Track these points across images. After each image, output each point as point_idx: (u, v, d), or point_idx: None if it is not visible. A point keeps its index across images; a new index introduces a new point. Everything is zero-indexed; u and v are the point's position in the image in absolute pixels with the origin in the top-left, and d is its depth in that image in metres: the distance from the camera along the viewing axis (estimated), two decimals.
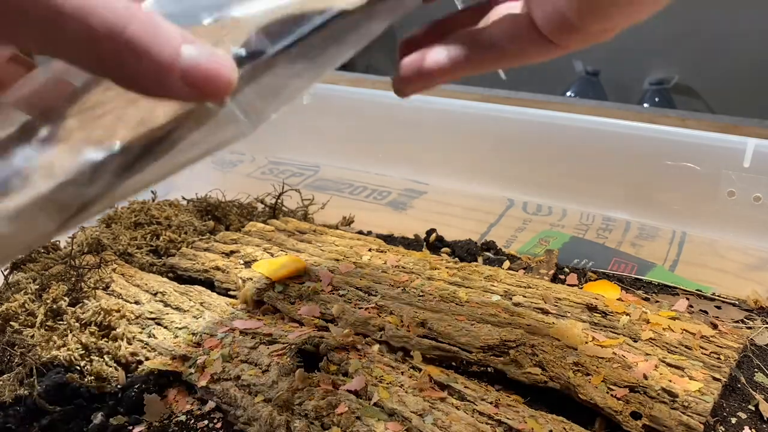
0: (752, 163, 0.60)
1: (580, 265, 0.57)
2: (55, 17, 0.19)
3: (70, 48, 0.20)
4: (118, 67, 0.20)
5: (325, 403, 0.36)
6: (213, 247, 0.56)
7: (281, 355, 0.41)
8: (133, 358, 0.43)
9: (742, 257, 0.59)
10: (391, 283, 0.48)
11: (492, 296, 0.45)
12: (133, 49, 0.19)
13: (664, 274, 0.56)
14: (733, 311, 0.48)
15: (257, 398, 0.38)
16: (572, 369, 0.37)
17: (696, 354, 0.38)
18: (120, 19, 0.19)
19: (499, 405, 0.36)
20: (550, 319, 0.42)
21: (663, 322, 0.41)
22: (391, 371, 0.39)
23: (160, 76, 0.20)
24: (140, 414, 0.40)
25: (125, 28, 0.19)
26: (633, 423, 0.33)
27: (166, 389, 0.42)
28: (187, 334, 0.45)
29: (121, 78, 0.20)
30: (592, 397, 0.35)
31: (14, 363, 0.43)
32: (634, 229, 0.65)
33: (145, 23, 0.19)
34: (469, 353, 0.39)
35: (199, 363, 0.41)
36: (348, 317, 0.44)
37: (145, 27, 0.19)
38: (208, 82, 0.20)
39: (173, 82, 0.20)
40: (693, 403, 0.34)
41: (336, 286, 0.48)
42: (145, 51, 0.19)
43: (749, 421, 0.37)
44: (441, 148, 0.76)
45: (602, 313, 0.43)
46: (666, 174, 0.64)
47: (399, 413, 0.35)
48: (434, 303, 0.44)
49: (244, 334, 0.44)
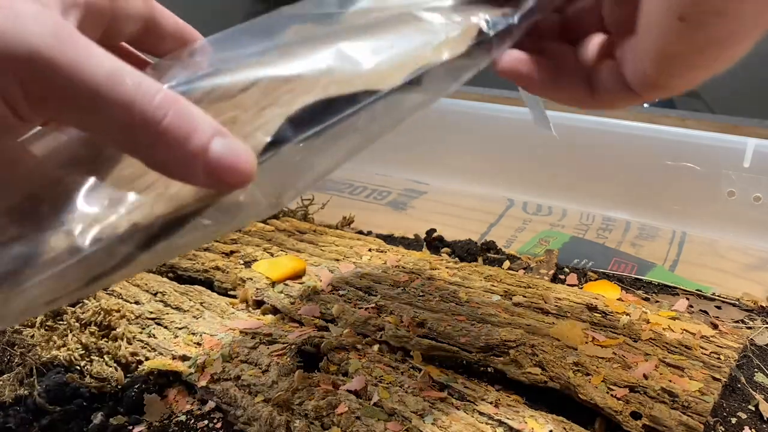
0: (752, 163, 0.60)
1: (580, 265, 0.57)
2: (97, 104, 0.20)
3: (107, 131, 0.21)
4: (149, 152, 0.21)
5: (325, 403, 0.36)
6: (213, 247, 0.56)
7: (281, 355, 0.41)
8: (133, 358, 0.43)
9: (742, 257, 0.59)
10: (391, 283, 0.48)
11: (492, 296, 0.45)
12: (165, 141, 0.20)
13: (664, 274, 0.56)
14: (733, 311, 0.48)
15: (257, 398, 0.38)
16: (572, 369, 0.37)
17: (696, 354, 0.38)
18: (158, 111, 0.20)
19: (499, 405, 0.36)
20: (550, 319, 0.42)
21: (663, 322, 0.41)
22: (391, 371, 0.39)
23: (186, 166, 0.21)
24: (140, 414, 0.40)
25: (162, 119, 0.20)
26: (633, 423, 0.33)
27: (166, 389, 0.42)
28: (187, 334, 0.45)
29: (149, 161, 0.21)
30: (592, 397, 0.35)
31: (14, 363, 0.43)
32: (634, 229, 0.65)
33: (181, 115, 0.20)
34: (469, 353, 0.39)
35: (199, 363, 0.41)
36: (348, 317, 0.44)
37: (181, 119, 0.20)
38: (228, 174, 0.21)
39: (197, 172, 0.21)
40: (693, 403, 0.34)
41: (336, 286, 0.48)
42: (176, 142, 0.20)
43: (749, 421, 0.36)
44: (441, 148, 0.76)
45: (602, 313, 0.43)
46: (666, 174, 0.64)
47: (399, 413, 0.35)
48: (434, 303, 0.44)
49: (244, 334, 0.44)
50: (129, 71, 0.20)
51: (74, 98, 0.20)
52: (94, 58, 0.20)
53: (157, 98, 0.20)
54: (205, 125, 0.21)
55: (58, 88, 0.19)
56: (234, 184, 0.21)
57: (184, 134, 0.20)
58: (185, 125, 0.20)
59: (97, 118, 0.20)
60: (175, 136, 0.20)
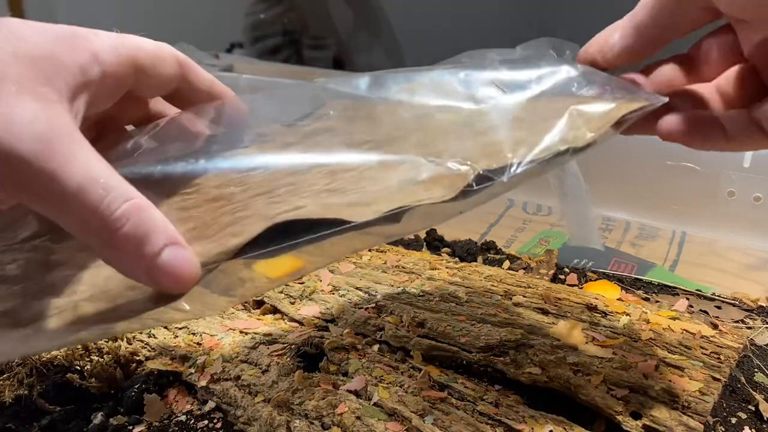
0: (752, 163, 0.60)
1: (580, 265, 0.57)
2: (62, 207, 0.23)
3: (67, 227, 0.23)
4: (100, 251, 0.24)
5: (325, 403, 0.36)
6: None
7: (281, 355, 0.41)
8: (133, 358, 0.43)
9: (742, 257, 0.59)
10: (391, 283, 0.48)
11: (492, 296, 0.45)
12: (116, 246, 0.23)
13: (664, 274, 0.56)
14: (733, 311, 0.48)
15: (257, 398, 0.38)
16: (572, 369, 0.37)
17: (696, 354, 0.38)
18: (117, 221, 0.23)
19: (499, 405, 0.36)
20: (550, 319, 0.42)
21: (663, 322, 0.41)
22: (391, 371, 0.39)
23: (131, 269, 0.24)
24: (140, 414, 0.40)
25: (119, 229, 0.23)
26: (633, 423, 0.33)
27: (166, 389, 0.42)
28: (187, 334, 0.45)
29: (100, 256, 0.24)
30: (592, 397, 0.35)
31: (14, 363, 0.43)
32: (634, 229, 0.65)
33: (139, 225, 0.23)
34: (469, 353, 0.39)
35: (199, 363, 0.41)
36: (348, 317, 0.44)
37: (137, 229, 0.23)
38: (167, 281, 0.23)
39: (139, 275, 0.24)
40: (693, 403, 0.34)
41: (336, 286, 0.48)
42: (125, 248, 0.23)
43: (749, 421, 0.36)
44: None
45: (602, 313, 0.43)
46: (666, 174, 0.64)
47: (399, 413, 0.35)
48: (434, 303, 0.44)
49: (244, 334, 0.44)
50: (102, 182, 0.23)
51: (44, 199, 0.23)
52: (71, 167, 0.22)
53: (122, 208, 0.23)
54: (158, 236, 0.23)
55: (32, 189, 0.22)
56: (172, 290, 0.24)
57: (135, 243, 0.23)
58: (140, 235, 0.23)
59: (60, 217, 0.23)
60: (127, 243, 0.23)
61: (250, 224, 0.25)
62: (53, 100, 0.23)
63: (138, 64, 0.27)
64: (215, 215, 0.26)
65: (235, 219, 0.26)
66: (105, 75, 0.25)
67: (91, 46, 0.25)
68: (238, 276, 0.26)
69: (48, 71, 0.23)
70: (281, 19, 1.68)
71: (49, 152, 0.22)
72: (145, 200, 0.23)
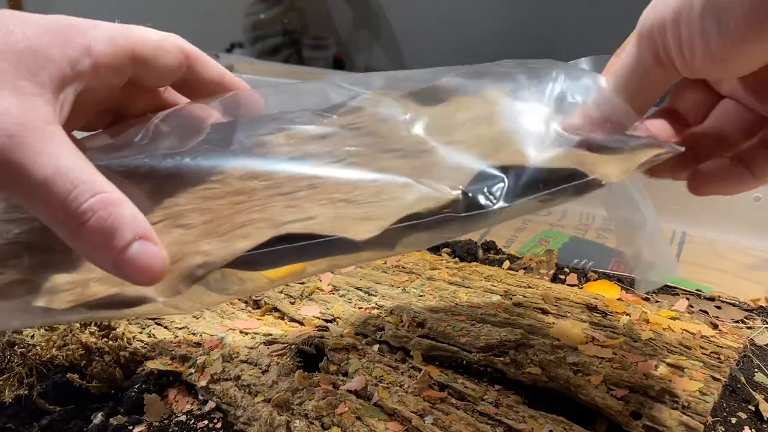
0: None
1: (580, 265, 0.57)
2: (31, 199, 0.24)
3: (38, 216, 0.24)
4: (68, 241, 0.24)
5: (325, 403, 0.36)
6: None
7: (281, 355, 0.41)
8: (133, 358, 0.43)
9: (742, 257, 0.59)
10: (391, 283, 0.48)
11: (492, 296, 0.45)
12: (82, 238, 0.24)
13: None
14: (733, 311, 0.48)
15: (257, 398, 0.38)
16: (572, 369, 0.37)
17: (696, 354, 0.38)
18: (84, 215, 0.23)
19: (499, 405, 0.36)
20: (550, 319, 0.42)
21: (663, 322, 0.41)
22: (391, 371, 0.39)
23: (99, 259, 0.24)
24: (140, 414, 0.40)
25: (86, 222, 0.23)
26: (633, 423, 0.33)
27: (166, 389, 0.42)
28: (187, 334, 0.45)
29: (69, 245, 0.24)
30: (592, 397, 0.35)
31: (14, 363, 0.43)
32: None
33: (106, 219, 0.23)
34: (469, 353, 0.39)
35: (199, 363, 0.41)
36: (348, 317, 0.44)
37: (104, 223, 0.23)
38: (135, 274, 0.24)
39: (107, 266, 0.24)
40: (693, 403, 0.34)
41: (336, 286, 0.48)
42: (92, 240, 0.24)
43: (749, 421, 0.36)
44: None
45: (602, 313, 0.43)
46: None
47: (399, 413, 0.35)
48: (434, 303, 0.44)
49: (244, 334, 0.44)
50: (70, 175, 0.23)
51: (15, 190, 0.24)
52: (39, 159, 0.23)
53: (89, 202, 0.23)
54: (126, 230, 0.24)
55: (3, 181, 0.23)
56: (140, 283, 0.24)
57: (103, 236, 0.23)
58: (107, 228, 0.23)
59: (31, 208, 0.24)
60: (93, 236, 0.23)
61: (260, 229, 0.26)
62: (32, 94, 0.24)
63: (137, 55, 0.27)
64: (232, 211, 0.26)
65: (249, 220, 0.26)
66: (97, 66, 0.26)
67: (85, 37, 0.26)
68: (238, 276, 0.26)
69: (31, 65, 0.24)
70: (281, 19, 1.68)
71: (17, 146, 0.23)
72: (117, 194, 0.24)
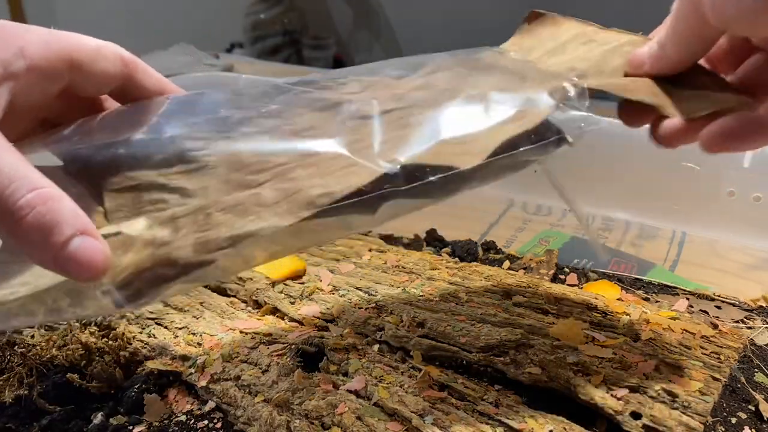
0: (752, 163, 0.60)
1: (580, 265, 0.57)
2: None
3: None
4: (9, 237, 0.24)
5: (325, 403, 0.36)
6: None
7: (281, 355, 0.41)
8: (133, 358, 0.43)
9: (742, 257, 0.59)
10: (391, 283, 0.48)
11: (492, 296, 0.45)
12: (22, 234, 0.23)
13: (664, 274, 0.56)
14: (733, 311, 0.48)
15: (257, 398, 0.38)
16: (572, 369, 0.37)
17: (696, 354, 0.38)
18: (21, 210, 0.23)
19: (499, 405, 0.36)
20: (550, 319, 0.42)
21: (663, 322, 0.41)
22: (391, 371, 0.39)
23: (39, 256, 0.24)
24: (140, 414, 0.40)
25: (24, 217, 0.23)
26: (633, 423, 0.33)
27: (166, 389, 0.42)
28: (187, 334, 0.45)
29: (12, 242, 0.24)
30: (592, 397, 0.35)
31: (14, 363, 0.43)
32: (634, 229, 0.65)
33: (45, 215, 0.23)
34: (469, 353, 0.39)
35: (199, 363, 0.41)
36: (348, 317, 0.44)
37: (43, 218, 0.23)
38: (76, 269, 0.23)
39: (47, 263, 0.24)
40: (693, 403, 0.34)
41: (336, 286, 0.48)
42: (30, 236, 0.23)
43: (749, 421, 0.37)
44: None
45: (602, 313, 0.43)
46: (666, 174, 0.64)
47: (399, 413, 0.35)
48: (434, 303, 0.44)
49: (244, 334, 0.44)
50: (6, 171, 0.23)
51: None
52: None
53: (26, 198, 0.23)
54: (66, 225, 0.23)
55: None
56: (82, 279, 0.24)
57: (41, 232, 0.23)
58: (46, 224, 0.23)
59: None
60: (32, 232, 0.23)
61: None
62: None
63: (74, 60, 0.28)
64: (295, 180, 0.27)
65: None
66: (31, 68, 0.26)
67: (19, 40, 0.26)
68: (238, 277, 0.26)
69: None
70: (281, 19, 1.68)
71: None
72: (56, 190, 0.24)
